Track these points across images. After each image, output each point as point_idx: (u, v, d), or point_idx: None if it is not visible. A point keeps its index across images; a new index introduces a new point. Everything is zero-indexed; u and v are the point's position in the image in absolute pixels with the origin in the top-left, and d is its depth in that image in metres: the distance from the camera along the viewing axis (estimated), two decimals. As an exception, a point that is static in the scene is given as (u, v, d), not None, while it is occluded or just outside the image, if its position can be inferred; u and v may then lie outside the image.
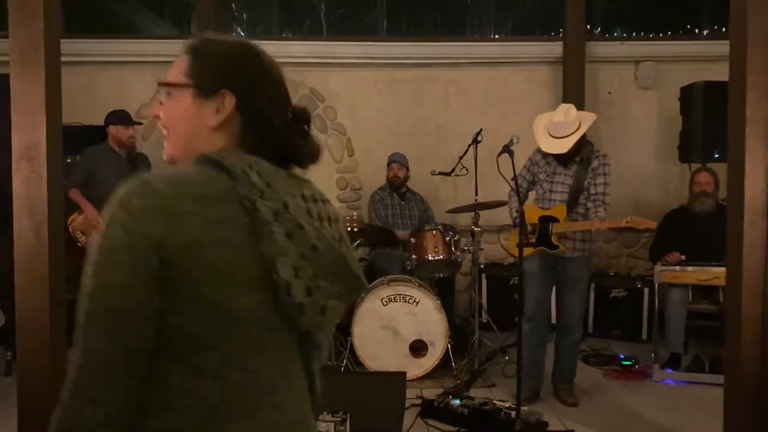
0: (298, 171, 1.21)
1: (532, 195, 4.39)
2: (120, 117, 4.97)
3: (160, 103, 1.20)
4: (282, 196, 1.07)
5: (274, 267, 1.03)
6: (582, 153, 4.10)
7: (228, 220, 1.03)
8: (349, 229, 4.30)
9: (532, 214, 4.14)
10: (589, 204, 4.10)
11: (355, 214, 4.48)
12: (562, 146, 3.98)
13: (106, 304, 0.98)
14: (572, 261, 4.13)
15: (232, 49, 1.18)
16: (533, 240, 4.12)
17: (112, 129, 4.96)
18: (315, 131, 5.56)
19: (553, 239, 4.10)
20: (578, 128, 4.00)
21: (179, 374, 1.01)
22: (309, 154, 1.20)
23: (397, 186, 5.54)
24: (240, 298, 1.02)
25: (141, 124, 5.42)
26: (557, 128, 4.00)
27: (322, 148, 1.22)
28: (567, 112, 4.01)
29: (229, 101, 1.14)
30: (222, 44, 1.18)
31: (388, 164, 5.59)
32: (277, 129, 1.16)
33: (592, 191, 4.09)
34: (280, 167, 1.14)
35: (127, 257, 0.98)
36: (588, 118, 4.08)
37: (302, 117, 1.20)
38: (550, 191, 4.16)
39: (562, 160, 4.12)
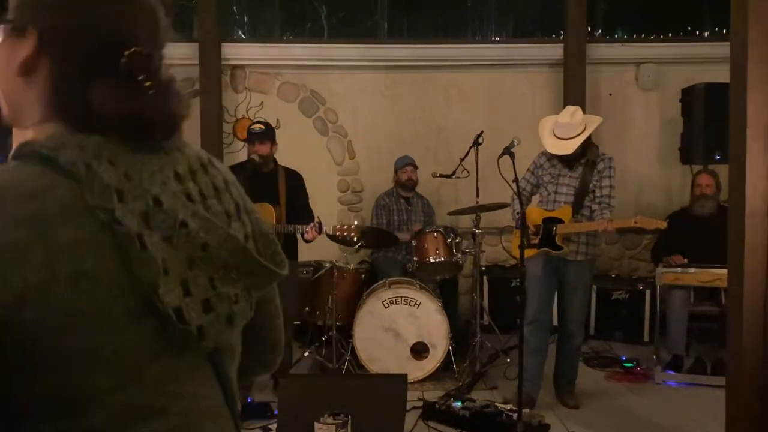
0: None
1: (535, 199, 4.36)
2: None
3: None
4: (150, 189, 0.81)
5: (155, 294, 0.78)
6: (587, 155, 4.10)
7: (80, 244, 0.76)
8: (348, 238, 4.27)
9: (536, 216, 4.14)
10: (594, 206, 4.09)
11: (354, 223, 4.44)
12: (568, 147, 3.97)
13: None
14: (575, 264, 4.12)
15: None
16: (536, 241, 4.10)
17: None
18: (315, 133, 5.51)
19: (557, 240, 4.08)
20: (584, 130, 4.00)
21: None
22: (156, 119, 0.84)
23: (410, 188, 5.52)
24: (117, 340, 0.79)
25: None
26: (563, 129, 3.99)
27: (183, 110, 0.89)
28: (573, 113, 4.01)
29: (30, 39, 0.84)
30: None
31: (399, 168, 5.51)
32: (89, 76, 0.82)
33: (598, 194, 4.09)
34: (134, 141, 0.83)
35: None
36: (594, 121, 4.09)
37: (140, 63, 0.84)
38: (555, 193, 4.14)
39: (568, 162, 4.11)
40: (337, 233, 4.23)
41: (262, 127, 4.38)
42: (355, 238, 4.25)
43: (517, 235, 4.33)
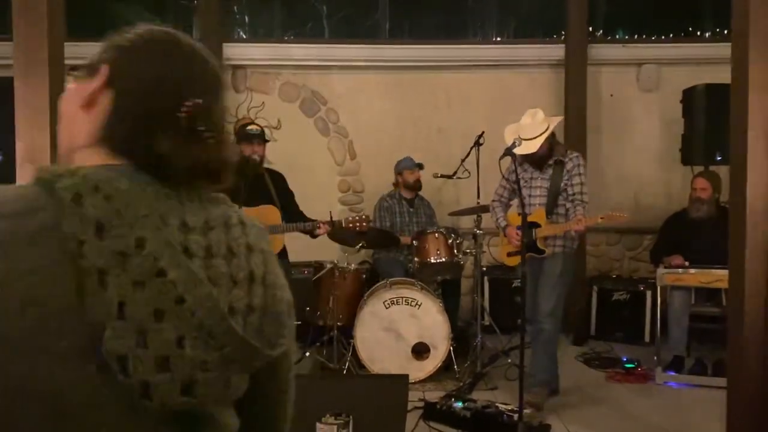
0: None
1: (514, 203, 4.47)
2: None
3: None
4: (137, 231, 0.78)
5: (100, 333, 0.75)
6: (555, 155, 4.20)
7: (41, 270, 0.75)
8: (357, 229, 4.32)
9: (515, 222, 4.26)
10: (569, 205, 4.21)
11: (364, 215, 4.48)
12: (531, 146, 4.06)
13: None
14: (547, 258, 4.23)
15: (131, 34, 0.94)
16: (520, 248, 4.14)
17: None
18: (316, 134, 5.51)
19: (539, 244, 4.19)
20: (546, 129, 4.10)
21: None
22: (194, 167, 0.87)
23: (418, 189, 5.51)
24: (56, 378, 0.75)
25: None
26: (526, 131, 4.08)
27: (227, 164, 0.91)
28: (534, 115, 4.13)
29: (103, 72, 0.90)
30: (130, 31, 0.95)
31: (405, 169, 5.46)
32: (147, 123, 0.87)
33: (570, 191, 4.20)
34: (158, 182, 0.85)
35: None
36: (555, 120, 4.20)
37: (200, 117, 0.88)
38: (529, 196, 4.25)
39: (538, 164, 4.22)
40: (350, 225, 4.29)
41: (259, 128, 4.41)
42: (366, 229, 4.32)
43: (504, 242, 4.41)
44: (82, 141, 0.89)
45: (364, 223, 4.35)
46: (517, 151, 3.97)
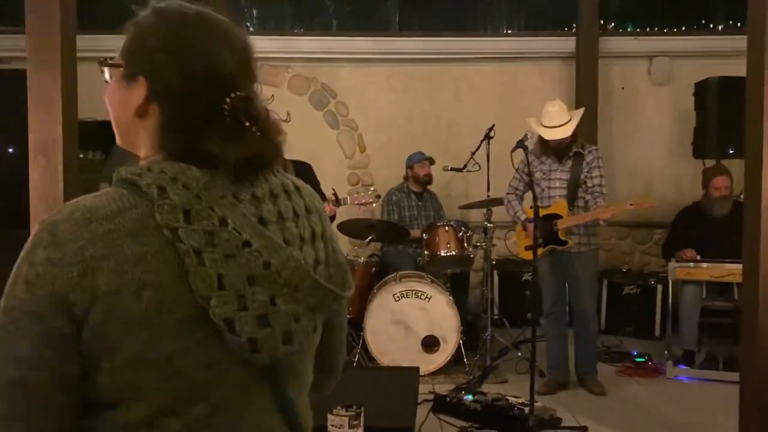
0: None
1: (528, 196, 4.41)
2: None
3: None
4: (218, 211, 0.88)
5: (206, 304, 0.86)
6: (574, 147, 4.21)
7: (147, 257, 0.86)
8: (364, 204, 4.37)
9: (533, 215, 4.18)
10: (588, 197, 4.20)
11: (371, 190, 4.51)
12: (565, 131, 4.09)
13: (14, 382, 0.86)
14: (579, 256, 4.22)
15: (160, 22, 0.96)
16: (540, 241, 4.14)
17: None
18: (326, 127, 5.50)
19: (560, 235, 4.16)
20: (570, 119, 4.13)
21: (107, 430, 0.90)
22: (259, 158, 0.94)
23: (427, 183, 5.50)
24: (171, 344, 0.87)
25: None
26: (553, 118, 4.11)
27: (278, 153, 0.97)
28: (557, 103, 4.18)
29: (141, 88, 0.95)
30: (158, 14, 0.97)
31: (416, 163, 5.46)
32: (195, 123, 0.93)
33: (589, 184, 4.20)
34: (238, 177, 0.94)
35: (31, 322, 0.85)
36: (577, 112, 4.23)
37: (241, 109, 0.93)
38: (549, 188, 4.24)
39: (559, 155, 4.21)
40: (356, 202, 4.30)
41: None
42: (374, 203, 4.32)
43: (521, 235, 4.39)
44: (144, 152, 0.97)
45: (371, 200, 4.36)
46: (550, 137, 4.00)
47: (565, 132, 4.09)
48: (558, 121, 4.11)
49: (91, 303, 0.85)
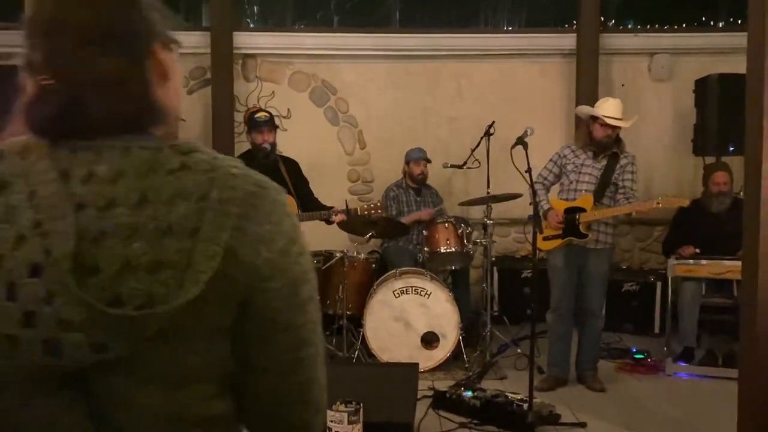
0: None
1: (554, 189, 4.47)
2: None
3: None
4: (32, 185, 0.78)
5: None
6: (613, 148, 4.24)
7: None
8: (372, 217, 4.38)
9: (557, 208, 4.27)
10: (619, 196, 4.23)
11: (376, 203, 4.51)
12: (625, 123, 4.21)
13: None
14: (594, 253, 4.24)
15: None
16: (560, 231, 4.18)
17: None
18: (327, 123, 5.49)
19: (582, 228, 4.17)
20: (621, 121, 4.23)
21: None
22: (40, 122, 0.82)
23: (422, 182, 5.50)
24: None
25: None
26: (614, 110, 4.18)
27: (99, 110, 0.81)
28: (617, 100, 4.28)
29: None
30: None
31: (412, 161, 5.46)
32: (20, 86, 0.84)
33: (620, 185, 4.22)
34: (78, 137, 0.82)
35: None
36: (630, 120, 4.31)
37: (37, 62, 0.82)
38: (577, 182, 4.26)
39: (595, 152, 4.24)
40: (365, 212, 4.32)
41: (268, 115, 4.43)
42: (383, 214, 4.37)
43: (543, 225, 4.39)
44: None
45: (379, 210, 4.39)
46: (611, 114, 4.12)
47: (625, 123, 4.19)
48: (616, 114, 4.18)
49: None
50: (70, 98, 0.80)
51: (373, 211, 4.36)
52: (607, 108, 4.20)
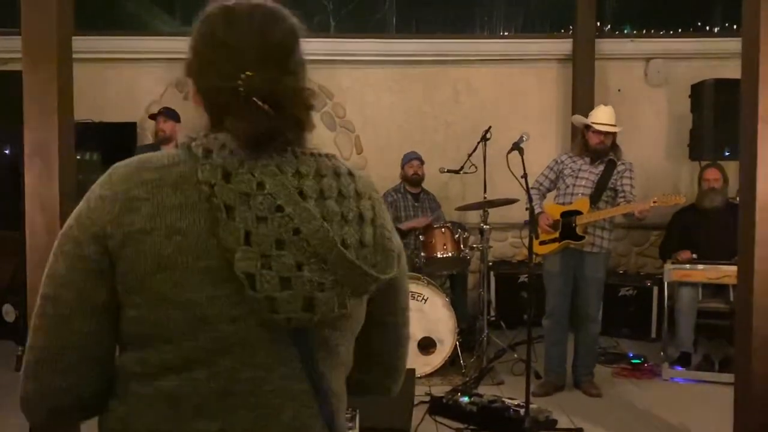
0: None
1: (551, 196, 4.51)
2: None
3: None
4: (258, 176, 0.96)
5: (232, 258, 0.93)
6: (610, 155, 4.28)
7: (182, 207, 0.96)
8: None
9: (553, 212, 4.30)
10: (619, 199, 4.27)
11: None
12: (614, 128, 4.25)
13: (46, 295, 0.99)
14: (591, 257, 4.26)
15: (194, 27, 1.07)
16: (556, 235, 4.19)
17: None
18: (323, 128, 5.49)
19: (578, 230, 4.19)
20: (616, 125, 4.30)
21: (140, 366, 0.99)
22: (272, 136, 1.00)
23: (416, 183, 5.49)
24: (195, 290, 0.95)
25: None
26: (604, 116, 4.26)
27: (295, 129, 1.02)
28: (609, 108, 4.34)
29: (191, 87, 1.08)
30: (197, 21, 1.08)
31: (406, 163, 5.48)
32: (226, 107, 1.01)
33: (620, 189, 4.27)
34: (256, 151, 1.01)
35: (72, 246, 0.98)
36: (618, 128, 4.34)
37: (252, 88, 0.99)
38: (574, 185, 4.30)
39: (593, 158, 4.28)
40: None
41: None
42: None
43: (540, 234, 4.40)
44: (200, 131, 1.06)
45: None
46: (600, 121, 4.20)
47: (615, 129, 4.25)
48: (608, 120, 4.26)
49: (125, 237, 0.95)
50: (275, 125, 0.99)
51: None
52: (598, 115, 4.28)
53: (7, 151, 5.27)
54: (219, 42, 1.02)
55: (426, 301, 4.57)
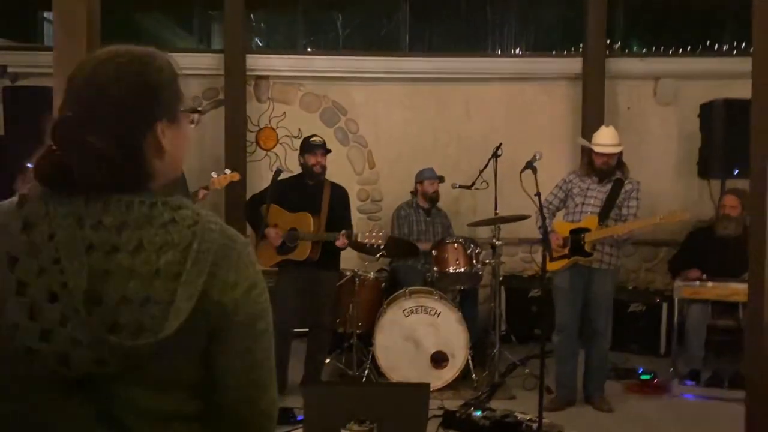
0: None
1: (560, 214, 4.56)
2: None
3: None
4: (53, 228, 0.98)
5: (2, 306, 0.96)
6: (617, 174, 4.34)
7: None
8: (373, 244, 4.39)
9: (562, 229, 4.35)
10: (628, 217, 4.32)
11: (381, 232, 4.51)
12: (615, 149, 4.31)
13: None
14: (600, 273, 4.31)
15: None
16: (566, 252, 4.25)
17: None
18: (336, 143, 5.52)
19: (587, 247, 4.24)
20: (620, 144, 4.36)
21: None
22: (47, 176, 1.01)
23: (434, 200, 5.56)
24: None
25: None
26: (606, 137, 4.33)
27: (85, 173, 0.99)
28: (611, 128, 4.42)
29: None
30: None
31: (425, 180, 5.53)
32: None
33: (624, 212, 4.32)
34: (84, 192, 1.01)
35: None
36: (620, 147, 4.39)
37: (55, 131, 1.02)
38: (582, 204, 4.36)
39: (600, 177, 4.34)
40: (366, 240, 4.35)
41: (321, 139, 4.58)
42: (383, 245, 4.38)
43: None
44: None
45: (380, 241, 4.40)
46: (603, 150, 4.27)
47: (615, 150, 4.30)
48: (610, 141, 4.33)
49: None
50: (63, 164, 1.00)
51: (374, 240, 4.39)
52: (600, 137, 4.36)
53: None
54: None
55: (439, 315, 4.63)
